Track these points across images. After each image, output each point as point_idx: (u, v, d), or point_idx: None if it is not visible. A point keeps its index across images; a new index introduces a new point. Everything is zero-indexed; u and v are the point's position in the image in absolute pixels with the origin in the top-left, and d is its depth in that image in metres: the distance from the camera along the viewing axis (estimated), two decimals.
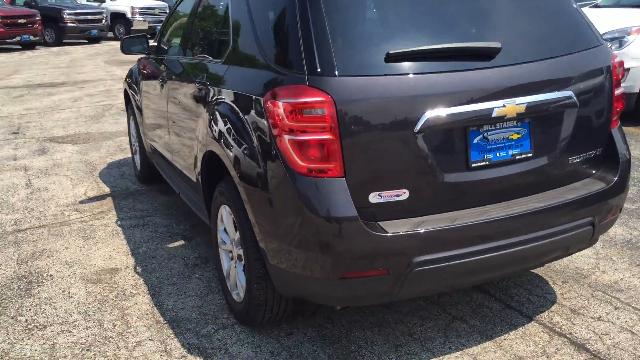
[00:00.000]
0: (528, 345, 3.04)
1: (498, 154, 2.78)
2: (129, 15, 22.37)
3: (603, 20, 7.65)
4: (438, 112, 2.60)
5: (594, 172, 3.10)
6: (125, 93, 5.86)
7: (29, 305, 3.52)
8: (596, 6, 9.30)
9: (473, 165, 2.73)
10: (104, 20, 21.46)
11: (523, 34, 2.93)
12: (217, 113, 3.19)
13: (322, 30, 2.58)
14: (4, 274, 3.94)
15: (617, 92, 3.11)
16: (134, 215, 4.92)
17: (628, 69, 7.19)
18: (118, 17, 22.77)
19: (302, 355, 2.99)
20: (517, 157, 2.82)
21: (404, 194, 2.63)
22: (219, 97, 3.22)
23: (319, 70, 2.52)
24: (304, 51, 2.58)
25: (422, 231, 2.58)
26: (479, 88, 2.68)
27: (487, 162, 2.76)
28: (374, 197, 2.58)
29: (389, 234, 2.54)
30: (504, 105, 2.68)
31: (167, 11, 18.68)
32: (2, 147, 7.15)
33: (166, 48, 4.83)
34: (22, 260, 4.13)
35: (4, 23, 18.47)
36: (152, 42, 5.19)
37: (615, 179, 3.04)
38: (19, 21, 18.84)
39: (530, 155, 2.85)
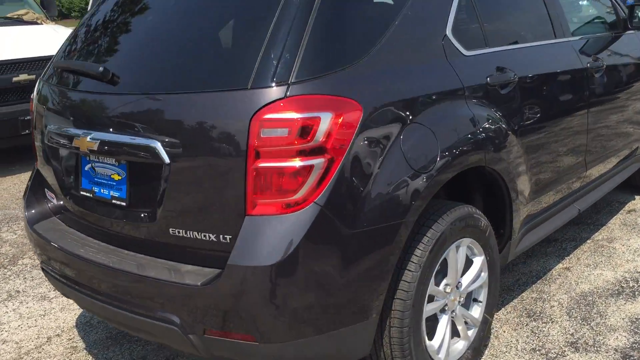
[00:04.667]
0: None
1: (102, 190, 2.45)
2: None
3: None
4: (49, 128, 2.59)
5: (215, 263, 2.14)
6: None
7: None
8: None
9: (82, 192, 2.54)
10: None
11: (153, 63, 2.43)
12: None
13: None
14: None
15: (261, 165, 2.01)
16: None
17: None
18: None
19: None
20: (114, 201, 2.40)
21: (53, 197, 2.75)
22: None
23: None
24: None
25: (35, 234, 2.65)
26: (79, 113, 2.49)
27: (92, 195, 2.49)
28: (47, 194, 2.82)
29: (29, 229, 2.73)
30: (79, 137, 2.40)
31: None
32: None
33: None
34: None
35: None
36: None
37: (203, 281, 2.09)
38: None
39: (125, 204, 2.36)
